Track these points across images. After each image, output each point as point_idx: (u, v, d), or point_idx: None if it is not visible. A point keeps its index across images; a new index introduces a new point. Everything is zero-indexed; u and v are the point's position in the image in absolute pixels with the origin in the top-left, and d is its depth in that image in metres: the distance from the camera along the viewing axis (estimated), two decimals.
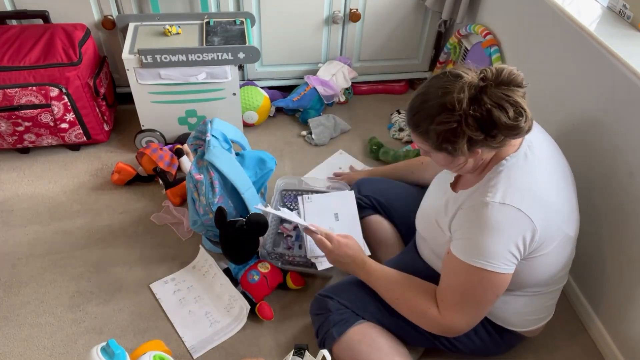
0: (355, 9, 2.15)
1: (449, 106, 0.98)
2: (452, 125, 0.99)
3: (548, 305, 1.28)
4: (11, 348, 1.41)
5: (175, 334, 1.45)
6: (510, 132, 0.99)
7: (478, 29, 1.99)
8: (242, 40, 1.90)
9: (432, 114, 1.01)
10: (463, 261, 1.06)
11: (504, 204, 1.02)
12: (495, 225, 1.02)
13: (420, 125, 1.05)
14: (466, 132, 0.99)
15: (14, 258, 1.64)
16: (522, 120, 0.97)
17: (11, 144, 1.91)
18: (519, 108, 0.97)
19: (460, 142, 1.00)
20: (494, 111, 0.96)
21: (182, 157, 1.89)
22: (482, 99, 0.97)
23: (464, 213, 1.09)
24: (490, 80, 0.98)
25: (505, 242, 1.03)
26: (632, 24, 1.39)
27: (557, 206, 1.09)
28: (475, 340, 1.28)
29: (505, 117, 0.96)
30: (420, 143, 1.09)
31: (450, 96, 0.98)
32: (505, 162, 1.07)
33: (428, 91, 1.03)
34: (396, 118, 2.23)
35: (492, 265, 1.04)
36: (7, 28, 1.89)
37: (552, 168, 1.12)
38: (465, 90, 0.98)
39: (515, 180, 1.05)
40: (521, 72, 1.00)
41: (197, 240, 1.71)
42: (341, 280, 1.40)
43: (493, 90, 0.97)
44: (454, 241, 1.10)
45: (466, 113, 0.98)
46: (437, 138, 1.02)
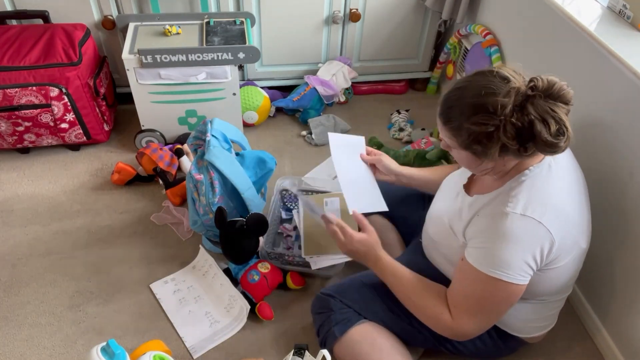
0: (355, 9, 2.15)
1: (490, 108, 0.94)
2: (488, 129, 0.95)
3: (553, 314, 1.28)
4: (11, 348, 1.41)
5: (175, 334, 1.45)
6: (547, 149, 0.95)
7: (478, 29, 1.99)
8: (242, 40, 1.90)
9: (469, 112, 0.97)
10: (479, 270, 1.04)
11: (525, 215, 1.00)
12: (515, 237, 1.00)
13: (452, 120, 1.00)
14: (501, 139, 0.95)
15: (14, 258, 1.64)
16: (562, 140, 0.94)
17: (11, 144, 1.91)
18: (562, 127, 0.93)
19: (493, 148, 0.97)
20: (536, 124, 0.92)
21: (182, 157, 1.89)
22: (527, 108, 0.93)
23: (482, 221, 1.07)
24: (540, 91, 0.94)
25: (523, 254, 1.01)
26: (632, 24, 1.39)
27: (576, 219, 1.08)
28: (477, 344, 1.28)
29: (547, 132, 0.92)
30: (448, 138, 1.05)
31: (493, 98, 0.94)
32: (529, 172, 1.04)
33: (469, 86, 0.99)
34: (396, 118, 2.23)
35: (509, 276, 1.02)
36: (7, 28, 1.89)
37: (572, 179, 1.10)
38: (512, 96, 0.94)
39: (537, 192, 1.02)
40: (571, 89, 0.96)
41: (197, 240, 1.71)
42: (343, 280, 1.40)
43: (540, 102, 0.93)
44: (470, 249, 1.08)
45: (507, 119, 0.93)
46: (469, 137, 0.98)
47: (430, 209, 1.32)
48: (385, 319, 1.28)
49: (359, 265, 1.59)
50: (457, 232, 1.15)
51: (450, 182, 1.30)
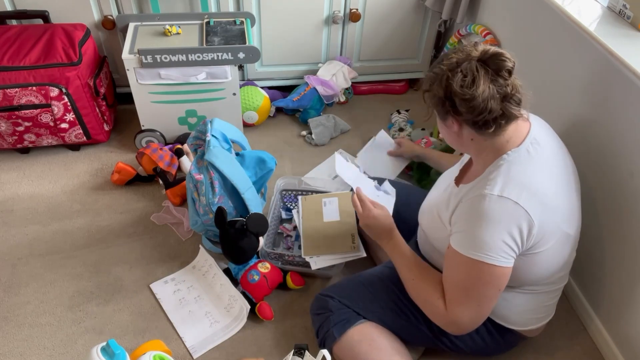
0: (355, 9, 2.15)
1: (443, 61, 1.05)
2: (432, 76, 1.06)
3: (548, 305, 1.28)
4: (11, 348, 1.41)
5: (175, 334, 1.45)
6: (459, 102, 1.02)
7: (478, 29, 1.99)
8: (242, 40, 1.90)
9: (434, 63, 1.09)
10: (462, 254, 1.07)
11: (502, 196, 1.02)
12: (492, 217, 1.02)
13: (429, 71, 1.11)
14: (434, 86, 1.05)
15: (14, 258, 1.64)
16: (467, 93, 1.00)
17: (11, 144, 1.91)
18: (476, 82, 1.00)
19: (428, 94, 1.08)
20: (455, 76, 1.01)
21: (182, 157, 1.89)
22: (461, 65, 1.02)
23: (462, 206, 1.10)
24: (481, 56, 1.02)
25: (501, 234, 1.03)
26: (632, 24, 1.39)
27: (556, 203, 1.09)
28: (476, 339, 1.28)
29: (459, 83, 1.01)
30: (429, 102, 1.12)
31: (449, 56, 1.05)
32: (507, 156, 1.07)
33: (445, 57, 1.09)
34: (396, 118, 2.23)
35: (490, 257, 1.04)
36: (7, 28, 1.89)
37: (555, 166, 1.12)
38: (459, 55, 1.04)
39: (515, 175, 1.05)
40: (512, 62, 1.02)
41: (197, 240, 1.71)
42: (342, 280, 1.40)
43: (473, 62, 1.01)
44: (453, 234, 1.11)
45: (444, 72, 1.03)
46: (425, 83, 1.09)
47: (423, 203, 1.34)
48: (384, 319, 1.28)
49: (359, 266, 1.59)
50: (444, 221, 1.17)
51: (443, 178, 1.33)
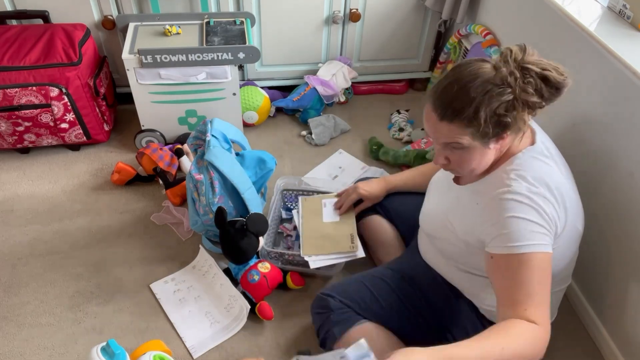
0: (355, 9, 2.15)
1: (498, 81, 0.97)
2: (507, 97, 0.97)
3: (552, 306, 1.28)
4: (11, 348, 1.41)
5: (175, 334, 1.45)
6: (559, 92, 1.00)
7: (478, 29, 1.99)
8: (242, 40, 1.90)
9: (479, 93, 0.97)
10: (507, 254, 1.03)
11: (529, 191, 1.02)
12: (523, 211, 1.02)
13: (464, 110, 0.98)
14: (526, 99, 0.98)
15: (14, 258, 1.64)
16: (567, 78, 1.00)
17: (11, 144, 1.91)
18: (555, 67, 1.00)
19: (518, 114, 0.99)
20: (545, 73, 0.98)
21: (182, 157, 1.89)
22: (526, 67, 0.99)
23: (489, 207, 1.07)
24: (519, 54, 1.00)
25: (535, 223, 1.02)
26: (632, 24, 1.39)
27: (573, 198, 1.11)
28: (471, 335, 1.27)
29: (556, 74, 0.99)
30: (456, 133, 1.01)
31: (490, 75, 0.98)
32: (522, 154, 1.07)
33: (460, 78, 1.00)
34: (396, 118, 2.23)
35: (533, 246, 1.01)
36: (7, 28, 1.89)
37: (562, 164, 1.14)
38: (509, 64, 0.99)
39: (533, 171, 1.05)
40: None
41: (197, 240, 1.71)
42: (343, 279, 1.40)
43: (524, 62, 0.99)
44: (492, 242, 1.06)
45: (520, 82, 0.98)
46: (490, 117, 0.98)
47: (423, 208, 1.33)
48: (385, 319, 1.28)
49: (359, 266, 1.59)
50: (456, 225, 1.16)
51: (437, 181, 1.32)
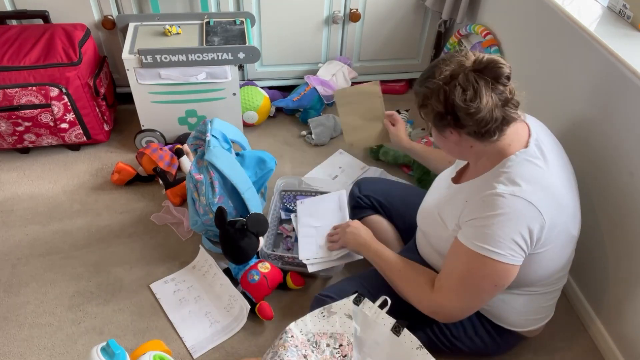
0: (355, 9, 2.15)
1: (435, 74, 1.04)
2: (425, 91, 1.06)
3: (547, 306, 1.28)
4: (11, 348, 1.41)
5: (175, 334, 1.45)
6: (463, 116, 1.01)
7: (478, 29, 1.99)
8: (242, 40, 1.90)
9: (422, 77, 1.08)
10: (467, 247, 1.07)
11: (515, 195, 1.02)
12: (504, 215, 1.02)
13: (416, 85, 1.12)
14: (430, 103, 1.05)
15: (14, 258, 1.64)
16: (472, 107, 0.99)
17: (11, 144, 1.91)
18: (477, 94, 0.99)
19: (425, 112, 1.08)
20: (455, 90, 1.00)
21: (182, 157, 1.89)
22: (458, 78, 1.01)
23: (472, 204, 1.09)
24: (477, 65, 1.01)
25: (512, 232, 1.03)
26: (632, 24, 1.39)
27: (565, 202, 1.10)
28: (475, 340, 1.28)
29: (461, 97, 1.00)
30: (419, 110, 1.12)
31: (440, 68, 1.04)
32: (515, 157, 1.07)
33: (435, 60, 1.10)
34: None
35: (497, 253, 1.04)
36: (7, 28, 1.89)
37: (559, 165, 1.13)
38: (451, 66, 1.03)
39: (526, 174, 1.05)
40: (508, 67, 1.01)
41: (197, 240, 1.71)
42: (342, 280, 1.40)
43: (471, 73, 1.01)
44: (463, 230, 1.10)
45: (439, 86, 1.02)
46: (418, 99, 1.09)
47: (422, 204, 1.35)
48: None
49: (358, 267, 1.59)
50: (446, 220, 1.17)
51: (440, 179, 1.34)
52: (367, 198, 1.59)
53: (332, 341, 1.14)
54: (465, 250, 1.08)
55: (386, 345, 1.12)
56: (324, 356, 1.12)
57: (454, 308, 1.14)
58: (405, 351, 1.11)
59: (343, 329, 1.15)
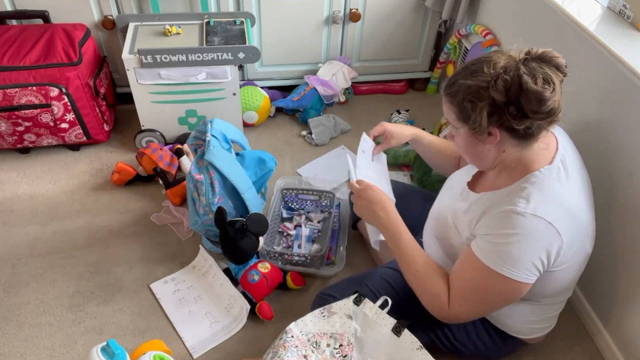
0: (355, 9, 2.15)
1: (485, 68, 0.99)
2: (480, 83, 0.99)
3: (553, 315, 1.28)
4: (11, 348, 1.41)
5: (175, 334, 1.45)
6: (533, 105, 0.96)
7: (478, 29, 1.99)
8: (242, 40, 1.90)
9: (468, 73, 1.02)
10: (483, 263, 1.05)
11: (536, 215, 0.99)
12: (524, 236, 1.00)
13: (452, 85, 1.04)
14: (490, 94, 0.97)
15: (14, 258, 1.64)
16: (548, 90, 0.95)
17: (11, 144, 1.91)
18: (549, 80, 0.96)
19: (479, 106, 0.99)
20: (523, 77, 0.96)
21: (182, 157, 1.89)
22: (518, 67, 0.97)
23: (492, 217, 1.06)
24: (532, 56, 0.99)
25: (532, 254, 1.01)
26: (632, 24, 1.39)
27: (584, 222, 1.08)
28: (477, 343, 1.28)
29: (533, 82, 0.95)
30: (448, 109, 1.07)
31: (490, 61, 1.00)
32: (539, 173, 1.04)
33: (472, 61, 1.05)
34: (396, 118, 2.23)
35: (513, 273, 1.02)
36: (7, 28, 1.89)
37: (580, 182, 1.10)
38: (503, 59, 0.99)
39: (548, 193, 1.02)
40: (563, 58, 1.00)
41: (197, 240, 1.71)
42: (344, 279, 1.40)
43: (531, 63, 0.98)
44: (479, 242, 1.08)
45: (497, 75, 0.97)
46: (461, 96, 1.01)
47: (433, 207, 1.32)
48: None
49: (360, 266, 1.59)
50: (460, 229, 1.15)
51: (453, 182, 1.31)
52: None
53: (332, 341, 1.14)
54: (480, 265, 1.05)
55: (386, 345, 1.12)
56: (324, 356, 1.12)
57: (465, 315, 1.13)
58: (405, 352, 1.11)
59: (343, 329, 1.15)
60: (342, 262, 1.60)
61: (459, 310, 1.12)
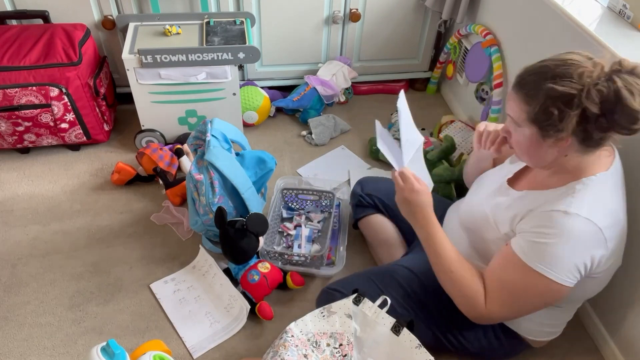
0: (355, 9, 2.15)
1: (575, 75, 0.94)
2: (571, 91, 0.93)
3: (566, 320, 1.27)
4: (11, 348, 1.41)
5: (175, 334, 1.45)
6: (626, 121, 0.93)
7: (478, 29, 1.99)
8: (242, 40, 1.90)
9: (553, 75, 0.95)
10: (526, 263, 1.03)
11: (589, 220, 0.98)
12: (574, 238, 0.99)
13: (531, 84, 0.98)
14: (583, 104, 0.93)
15: (14, 258, 1.64)
16: None
17: (11, 144, 1.91)
18: None
19: (570, 114, 0.94)
20: (623, 91, 0.92)
21: (182, 157, 1.89)
22: (614, 78, 0.93)
23: (539, 216, 1.04)
24: (626, 68, 0.95)
25: (576, 257, 1.00)
26: (632, 24, 1.39)
27: (624, 233, 1.07)
28: (483, 343, 1.27)
29: (632, 98, 0.91)
30: (518, 108, 1.01)
31: (580, 67, 0.94)
32: (595, 178, 1.02)
33: (552, 59, 0.99)
34: (396, 118, 2.23)
35: (555, 275, 1.01)
36: (7, 28, 1.89)
37: (623, 191, 1.09)
38: (597, 68, 0.94)
39: (601, 199, 1.01)
40: None
41: (197, 240, 1.71)
42: (350, 275, 1.40)
43: (626, 76, 0.93)
44: (520, 240, 1.05)
45: (592, 85, 0.93)
46: (546, 100, 0.95)
47: (467, 201, 1.30)
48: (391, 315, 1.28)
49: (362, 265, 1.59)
50: (500, 224, 1.13)
51: (487, 179, 1.29)
52: (369, 197, 1.59)
53: (332, 341, 1.14)
54: (522, 265, 1.04)
55: (386, 344, 1.12)
56: (324, 356, 1.12)
57: (501, 316, 1.12)
58: (405, 350, 1.11)
59: (343, 328, 1.15)
60: (342, 262, 1.60)
61: (496, 311, 1.10)
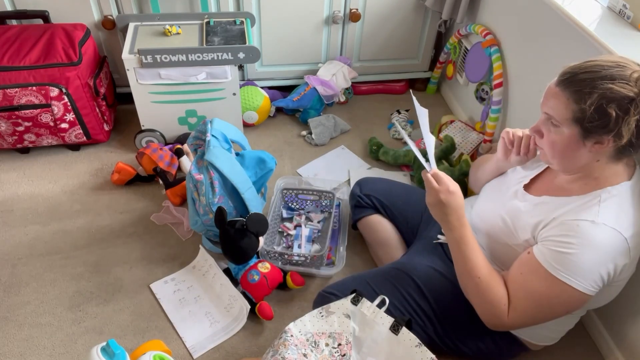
0: (355, 9, 2.15)
1: (632, 78, 0.92)
2: (629, 94, 0.92)
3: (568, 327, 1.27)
4: (11, 348, 1.41)
5: (175, 334, 1.45)
6: None
7: (478, 29, 1.99)
8: (242, 40, 1.90)
9: (609, 76, 0.93)
10: (550, 272, 1.03)
11: (616, 229, 0.99)
12: (601, 248, 0.99)
13: (584, 82, 0.95)
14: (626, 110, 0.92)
15: (14, 258, 1.65)
16: None
17: (11, 144, 1.91)
18: None
19: (629, 119, 0.92)
20: None
21: (182, 157, 1.89)
22: None
23: (565, 224, 1.03)
24: None
25: (603, 266, 1.00)
26: (632, 24, 1.39)
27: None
28: (480, 346, 1.27)
29: None
30: (563, 106, 0.98)
31: (635, 72, 0.93)
32: (620, 187, 1.03)
33: (606, 59, 0.97)
34: (396, 118, 2.23)
35: (579, 283, 1.01)
36: (7, 28, 1.89)
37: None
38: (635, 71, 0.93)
39: (626, 209, 1.01)
40: None
41: (197, 240, 1.71)
42: (346, 278, 1.40)
43: None
44: (543, 249, 1.05)
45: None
46: (601, 100, 0.93)
47: (481, 206, 1.29)
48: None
49: (360, 266, 1.59)
50: (519, 230, 1.13)
51: (500, 184, 1.28)
52: (367, 198, 1.59)
53: (330, 340, 1.14)
54: (546, 274, 1.03)
55: (385, 344, 1.12)
56: (323, 355, 1.12)
57: (522, 324, 1.12)
58: (404, 349, 1.11)
59: (342, 328, 1.15)
60: (342, 262, 1.60)
61: (518, 319, 1.10)
